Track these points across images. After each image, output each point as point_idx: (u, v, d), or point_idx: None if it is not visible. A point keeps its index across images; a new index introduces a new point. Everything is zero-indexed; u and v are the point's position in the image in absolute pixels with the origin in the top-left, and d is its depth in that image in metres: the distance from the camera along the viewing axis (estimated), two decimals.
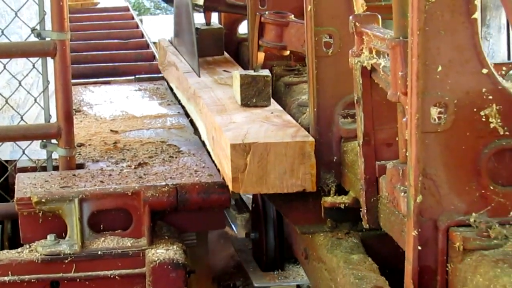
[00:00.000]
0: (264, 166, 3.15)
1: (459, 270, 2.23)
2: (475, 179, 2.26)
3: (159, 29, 5.63)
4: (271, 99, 3.76)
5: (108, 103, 5.24)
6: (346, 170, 3.18)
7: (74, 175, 3.73)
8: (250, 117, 3.54)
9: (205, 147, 3.85)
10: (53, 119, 3.90)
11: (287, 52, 3.86)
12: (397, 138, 2.56)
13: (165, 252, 3.37)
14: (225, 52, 4.85)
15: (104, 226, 3.50)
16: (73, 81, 4.01)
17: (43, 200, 3.44)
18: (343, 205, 3.10)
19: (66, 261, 3.39)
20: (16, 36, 4.09)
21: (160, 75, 5.58)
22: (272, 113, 3.60)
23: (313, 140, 3.19)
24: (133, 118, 4.84)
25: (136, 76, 5.96)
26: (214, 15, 4.98)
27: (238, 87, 3.73)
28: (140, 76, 5.96)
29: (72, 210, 3.43)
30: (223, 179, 3.45)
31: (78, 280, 3.41)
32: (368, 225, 2.83)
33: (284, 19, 3.79)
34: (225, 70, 4.43)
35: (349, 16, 2.81)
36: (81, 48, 6.61)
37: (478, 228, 2.23)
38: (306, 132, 3.28)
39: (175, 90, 4.86)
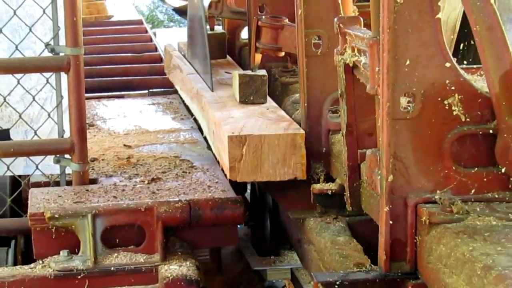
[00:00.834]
0: (258, 156, 3.34)
1: (425, 241, 2.43)
2: (440, 161, 2.47)
3: (172, 42, 5.63)
4: (268, 97, 3.92)
5: (122, 117, 5.17)
6: (334, 160, 3.36)
7: (87, 190, 3.68)
8: (247, 112, 3.71)
9: (218, 163, 3.81)
10: (67, 134, 3.83)
11: (282, 53, 4.03)
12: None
13: (178, 268, 3.30)
14: (227, 56, 4.99)
15: (117, 241, 3.44)
16: (87, 95, 3.97)
17: (56, 215, 3.37)
18: (330, 191, 3.24)
19: (79, 277, 3.33)
20: (30, 51, 4.01)
21: (173, 89, 5.47)
22: (267, 109, 3.77)
23: (304, 132, 3.38)
24: (147, 132, 4.76)
25: (150, 90, 5.88)
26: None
27: (237, 86, 3.90)
28: (154, 90, 5.87)
29: (85, 226, 3.37)
30: (226, 174, 3.52)
31: None
32: (351, 208, 3.02)
33: (279, 23, 3.96)
34: (226, 72, 4.57)
35: None
36: (95, 61, 6.50)
37: (443, 205, 2.44)
38: (298, 125, 3.47)
39: (179, 91, 4.98)
